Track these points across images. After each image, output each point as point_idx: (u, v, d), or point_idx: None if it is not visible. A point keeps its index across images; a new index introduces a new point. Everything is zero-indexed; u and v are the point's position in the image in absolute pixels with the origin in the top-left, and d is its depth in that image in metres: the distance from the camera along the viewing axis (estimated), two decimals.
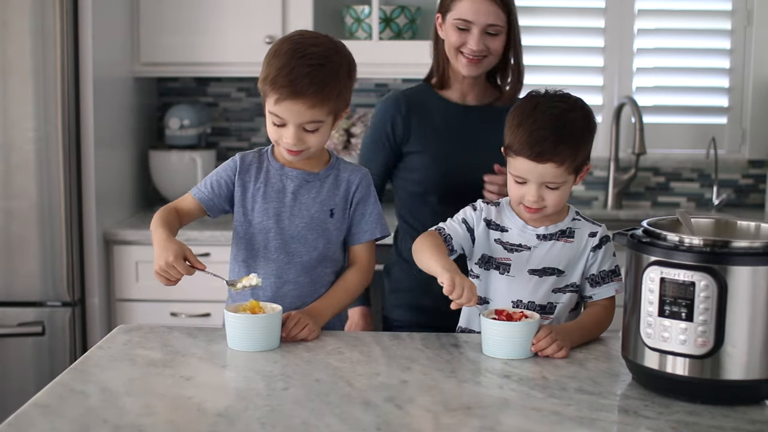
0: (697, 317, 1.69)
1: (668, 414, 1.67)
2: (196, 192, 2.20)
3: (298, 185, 2.18)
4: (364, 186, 2.23)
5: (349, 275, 2.24)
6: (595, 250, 2.14)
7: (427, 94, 2.60)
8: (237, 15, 3.74)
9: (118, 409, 1.66)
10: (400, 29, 3.85)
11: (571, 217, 2.17)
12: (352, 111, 3.99)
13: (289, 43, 2.09)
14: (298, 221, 2.17)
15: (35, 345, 3.38)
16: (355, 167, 2.25)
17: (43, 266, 3.36)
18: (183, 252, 2.00)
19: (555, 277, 2.13)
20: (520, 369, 1.90)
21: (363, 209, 2.23)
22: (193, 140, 3.93)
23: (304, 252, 2.18)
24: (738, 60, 4.11)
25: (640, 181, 4.18)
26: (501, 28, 2.48)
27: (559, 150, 2.04)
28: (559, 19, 4.12)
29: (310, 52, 2.07)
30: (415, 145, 2.56)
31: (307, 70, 2.04)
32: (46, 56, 3.27)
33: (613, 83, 4.12)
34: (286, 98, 2.04)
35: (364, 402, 1.70)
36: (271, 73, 2.06)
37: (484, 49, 2.47)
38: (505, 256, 2.14)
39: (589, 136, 2.12)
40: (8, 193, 3.33)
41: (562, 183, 2.08)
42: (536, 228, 2.15)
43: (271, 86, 2.05)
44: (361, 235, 2.23)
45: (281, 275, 2.18)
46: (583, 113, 2.12)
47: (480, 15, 2.46)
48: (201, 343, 2.04)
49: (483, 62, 2.50)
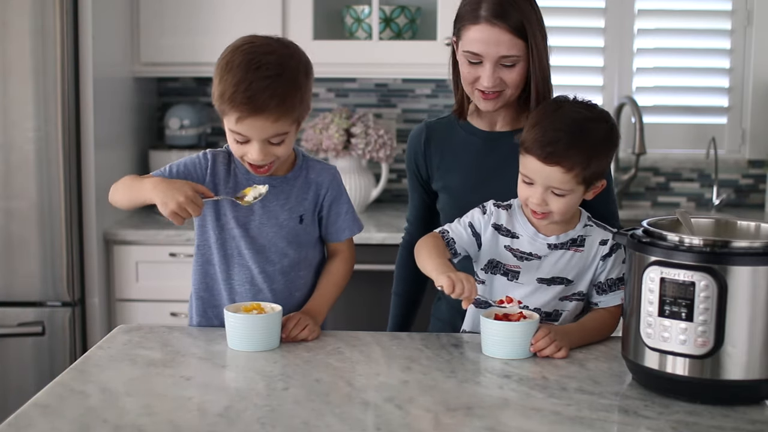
0: (697, 317, 1.69)
1: (668, 414, 1.67)
2: (157, 174, 2.09)
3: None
4: (335, 186, 2.18)
5: (334, 267, 2.21)
6: (604, 258, 2.10)
7: (453, 125, 2.36)
8: (237, 15, 3.74)
9: (118, 409, 1.66)
10: (400, 29, 3.85)
11: (583, 224, 2.12)
12: (352, 111, 3.99)
13: (241, 54, 1.97)
14: (267, 230, 2.13)
15: (35, 345, 3.38)
16: (323, 166, 2.19)
17: (43, 266, 3.36)
18: (193, 185, 1.96)
19: (563, 286, 2.10)
20: (520, 369, 1.90)
21: (338, 209, 2.19)
22: (193, 140, 3.93)
23: (276, 260, 2.14)
24: (738, 60, 4.11)
25: (640, 181, 4.18)
26: (517, 58, 2.17)
27: (570, 154, 1.99)
28: (559, 19, 4.12)
29: (266, 62, 1.95)
30: (438, 183, 2.36)
31: (266, 83, 1.93)
32: (46, 56, 3.27)
33: (613, 83, 4.12)
34: (248, 116, 1.94)
35: (364, 402, 1.70)
36: (227, 90, 1.94)
37: (500, 84, 2.19)
38: (515, 264, 2.11)
39: (607, 150, 2.05)
40: (8, 193, 3.33)
41: (569, 191, 2.02)
42: (547, 237, 2.10)
43: (229, 104, 1.95)
44: (339, 233, 2.21)
45: (255, 283, 2.15)
46: (606, 126, 2.05)
47: (491, 46, 2.16)
48: (201, 343, 2.04)
49: (500, 97, 2.22)
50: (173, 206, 1.92)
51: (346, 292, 2.26)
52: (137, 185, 2.02)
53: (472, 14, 2.18)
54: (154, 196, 1.94)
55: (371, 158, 3.81)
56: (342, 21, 3.93)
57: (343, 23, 3.93)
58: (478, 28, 2.17)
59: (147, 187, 1.98)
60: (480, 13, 2.16)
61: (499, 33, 2.15)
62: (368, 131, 3.76)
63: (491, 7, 2.16)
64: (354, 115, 3.86)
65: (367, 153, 3.76)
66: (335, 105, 4.13)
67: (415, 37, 3.87)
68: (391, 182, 4.13)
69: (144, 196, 1.99)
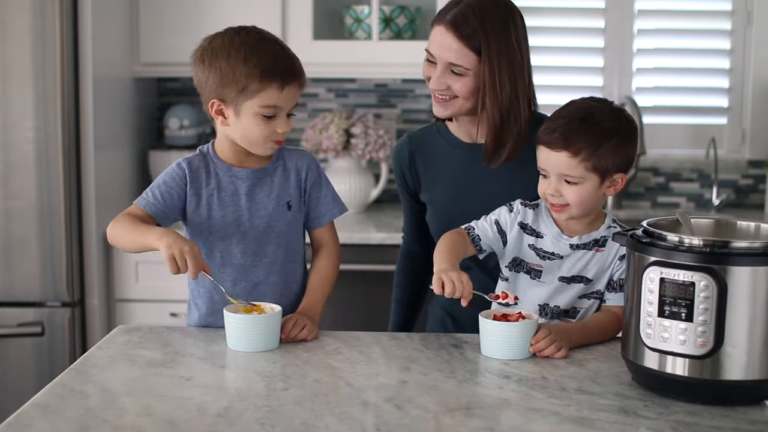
0: (697, 317, 1.69)
1: (668, 414, 1.67)
2: (144, 203, 2.09)
3: (250, 185, 2.13)
4: (314, 169, 2.20)
5: (321, 264, 2.21)
6: (621, 258, 2.09)
7: (435, 136, 2.36)
8: (237, 15, 3.73)
9: (117, 410, 1.66)
10: (400, 29, 3.85)
11: (607, 225, 2.13)
12: (352, 111, 3.99)
13: (246, 35, 2.06)
14: (258, 221, 2.14)
15: (35, 345, 3.38)
16: (300, 153, 2.21)
17: (42, 266, 3.36)
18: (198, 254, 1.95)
19: (582, 284, 2.11)
20: (520, 369, 1.89)
21: (317, 192, 2.20)
22: (192, 140, 3.93)
23: (270, 251, 2.15)
24: (738, 60, 4.11)
25: (640, 182, 4.18)
26: (466, 70, 2.16)
27: (574, 139, 2.00)
28: (559, 19, 4.12)
29: (266, 36, 2.08)
30: (425, 194, 2.37)
31: (285, 51, 2.07)
32: (45, 56, 3.27)
33: (612, 84, 4.12)
34: (291, 81, 2.04)
35: (363, 402, 1.70)
36: (263, 63, 2.01)
37: (448, 90, 2.19)
38: (538, 263, 2.12)
39: (620, 141, 2.04)
40: (8, 193, 3.33)
41: (580, 179, 2.03)
42: (570, 238, 2.11)
43: (271, 76, 2.01)
44: (320, 218, 2.21)
45: (251, 278, 2.15)
46: (618, 117, 2.06)
47: (442, 50, 2.17)
48: (201, 344, 2.04)
49: (450, 103, 2.21)
50: (176, 251, 1.90)
51: (345, 292, 2.26)
52: (143, 233, 1.99)
53: (440, 15, 2.21)
54: (161, 244, 1.92)
55: (371, 158, 3.81)
56: (342, 21, 3.93)
57: (342, 23, 3.93)
58: (438, 29, 2.20)
59: (153, 236, 1.96)
60: (445, 17, 2.19)
61: (451, 39, 2.16)
62: (368, 131, 3.76)
63: (455, 13, 2.18)
64: (354, 116, 3.86)
65: (366, 153, 3.76)
66: (335, 105, 4.13)
67: (415, 38, 3.88)
68: (391, 182, 4.12)
69: (150, 245, 1.97)
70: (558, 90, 4.05)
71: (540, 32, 4.10)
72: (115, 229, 2.05)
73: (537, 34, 4.09)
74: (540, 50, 4.10)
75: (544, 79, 4.10)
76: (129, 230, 2.02)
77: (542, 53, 4.11)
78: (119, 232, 2.04)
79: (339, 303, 2.26)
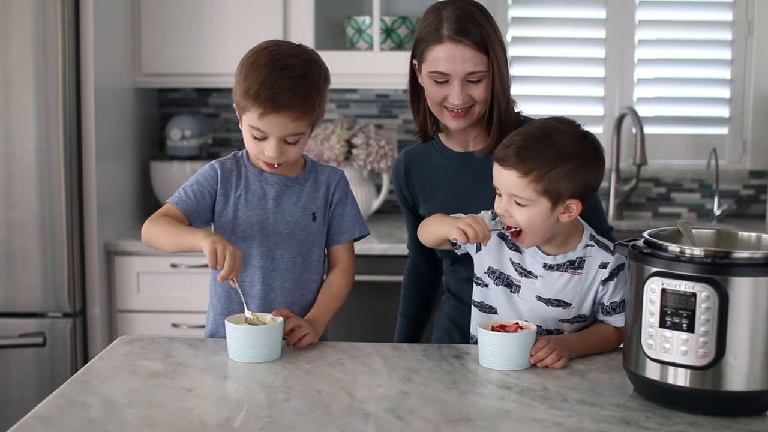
0: (699, 328, 1.69)
1: (669, 425, 1.67)
2: (178, 202, 2.14)
3: (278, 191, 2.17)
4: (342, 186, 2.23)
5: (335, 279, 2.23)
6: (605, 282, 2.07)
7: (429, 151, 2.38)
8: (238, 26, 3.75)
9: (119, 421, 1.66)
10: (401, 40, 3.85)
11: (584, 244, 2.08)
12: (353, 122, 4.00)
13: (267, 54, 2.06)
14: (281, 227, 2.16)
15: (36, 356, 3.38)
16: (331, 169, 2.24)
17: (44, 277, 3.36)
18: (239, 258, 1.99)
19: (561, 308, 2.08)
20: (521, 380, 1.89)
21: (342, 209, 2.22)
22: (194, 151, 3.94)
23: (289, 258, 2.17)
24: (739, 70, 4.11)
25: (641, 192, 4.18)
26: (483, 73, 2.20)
27: (524, 157, 1.94)
28: (560, 30, 4.13)
29: (290, 63, 2.05)
30: (423, 209, 2.37)
31: (290, 82, 2.03)
32: (47, 66, 3.28)
33: (614, 94, 4.12)
34: (270, 112, 2.03)
35: (365, 413, 1.70)
36: (252, 86, 2.03)
37: (469, 100, 2.22)
38: (517, 278, 2.11)
39: (578, 167, 1.96)
40: (9, 204, 3.33)
41: (529, 201, 1.96)
42: (545, 256, 2.08)
43: (254, 100, 2.03)
44: (340, 235, 2.23)
45: (267, 282, 2.17)
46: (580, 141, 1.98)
47: (457, 64, 2.18)
48: (202, 354, 2.04)
49: (470, 112, 2.24)
50: (220, 246, 1.94)
51: (347, 303, 2.26)
52: (187, 233, 2.04)
53: (435, 34, 2.21)
54: (206, 242, 1.96)
55: (372, 169, 3.81)
56: (343, 32, 3.93)
57: (344, 34, 3.93)
58: (443, 47, 2.20)
59: (199, 236, 2.00)
60: (442, 33, 2.19)
61: (463, 50, 2.18)
62: (369, 142, 3.77)
63: (452, 25, 2.19)
64: (355, 126, 3.86)
65: (368, 164, 3.76)
66: (336, 115, 4.13)
67: None
68: (392, 193, 4.12)
69: (194, 244, 2.01)
70: (559, 100, 4.06)
71: (541, 42, 4.11)
72: (152, 228, 2.09)
73: (538, 45, 4.11)
74: (541, 60, 4.12)
75: (545, 89, 4.12)
76: (169, 230, 2.06)
77: (543, 63, 4.12)
78: (157, 231, 2.09)
79: (341, 313, 2.25)
